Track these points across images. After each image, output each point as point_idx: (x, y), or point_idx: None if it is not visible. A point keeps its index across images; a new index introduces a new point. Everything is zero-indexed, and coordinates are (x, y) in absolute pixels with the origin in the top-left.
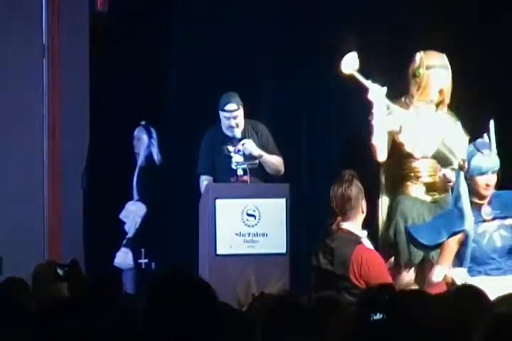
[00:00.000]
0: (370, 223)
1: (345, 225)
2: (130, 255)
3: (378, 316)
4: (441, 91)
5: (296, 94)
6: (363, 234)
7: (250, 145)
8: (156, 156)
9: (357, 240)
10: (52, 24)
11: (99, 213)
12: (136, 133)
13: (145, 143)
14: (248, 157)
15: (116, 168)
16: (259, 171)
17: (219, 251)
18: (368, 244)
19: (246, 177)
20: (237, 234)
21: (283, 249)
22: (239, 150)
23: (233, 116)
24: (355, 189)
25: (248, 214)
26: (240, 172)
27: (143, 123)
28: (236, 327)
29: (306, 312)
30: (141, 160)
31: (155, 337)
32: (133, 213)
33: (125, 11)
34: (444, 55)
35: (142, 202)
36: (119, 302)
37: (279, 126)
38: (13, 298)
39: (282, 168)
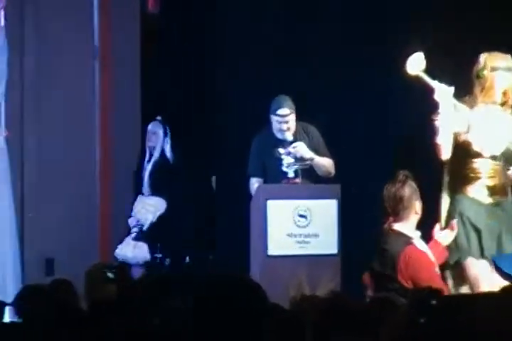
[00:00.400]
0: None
1: (397, 226)
2: (146, 248)
3: (422, 321)
4: (505, 93)
5: (348, 94)
6: (416, 235)
7: (302, 148)
8: (169, 154)
9: (408, 241)
10: (103, 25)
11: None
12: (151, 127)
13: (161, 138)
14: (299, 159)
15: (171, 170)
16: (309, 173)
17: (270, 252)
18: (420, 245)
19: (297, 180)
20: (288, 235)
21: (334, 250)
22: (290, 153)
23: (285, 120)
24: (409, 189)
25: (300, 215)
26: (291, 174)
27: (159, 118)
28: (286, 328)
29: (358, 314)
30: (157, 153)
31: (203, 337)
32: (152, 207)
33: (176, 12)
34: (509, 56)
35: (160, 196)
36: (167, 303)
37: (331, 126)
38: (60, 299)
39: (333, 170)
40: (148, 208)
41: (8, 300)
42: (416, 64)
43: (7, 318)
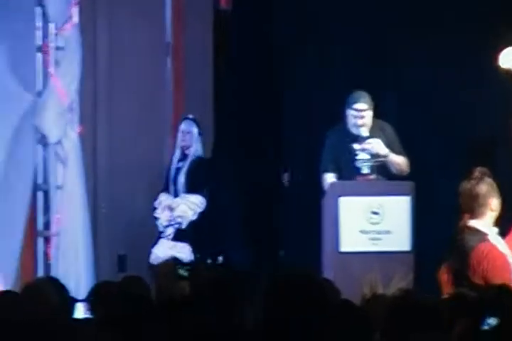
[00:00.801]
0: None
1: (472, 223)
2: (188, 248)
3: (492, 320)
4: None
5: (423, 92)
6: (492, 232)
7: (378, 145)
8: (201, 150)
9: (482, 238)
10: (176, 22)
11: (225, 211)
12: (184, 126)
13: (195, 137)
14: (374, 156)
15: (239, 168)
16: (383, 170)
17: (342, 249)
18: (497, 242)
19: (372, 176)
20: (361, 232)
21: (407, 247)
22: (365, 149)
23: (361, 115)
24: (485, 186)
25: (372, 212)
26: (365, 170)
27: (190, 116)
28: (356, 325)
29: (429, 311)
30: (192, 152)
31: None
32: (194, 204)
33: (248, 9)
34: None
35: (200, 194)
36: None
37: (406, 124)
38: (133, 296)
39: (407, 169)
40: (190, 205)
41: (81, 296)
42: (508, 58)
43: (80, 314)
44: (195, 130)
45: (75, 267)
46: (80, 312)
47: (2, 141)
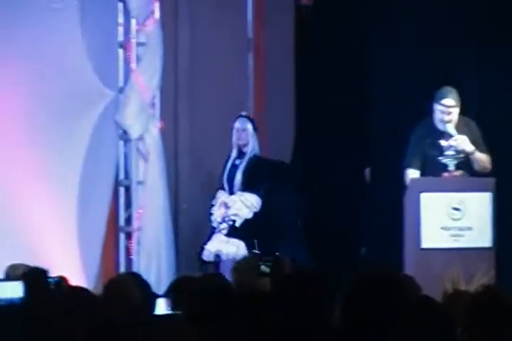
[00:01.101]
0: None
1: None
2: (242, 245)
3: None
4: None
5: (504, 88)
6: None
7: (464, 141)
8: (257, 147)
9: None
10: (257, 18)
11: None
12: (239, 124)
13: (251, 134)
14: (460, 152)
15: (324, 164)
16: (466, 166)
17: (424, 245)
18: None
19: (457, 173)
20: (442, 228)
21: (489, 243)
22: (451, 146)
23: (448, 111)
24: None
25: (453, 208)
26: (451, 166)
27: (244, 114)
28: (437, 321)
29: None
30: (250, 150)
31: (353, 332)
32: (250, 202)
33: (329, 5)
34: None
35: (256, 193)
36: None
37: (487, 120)
38: (213, 290)
39: (489, 166)
40: (247, 204)
41: (161, 291)
42: None
43: (161, 310)
44: (250, 127)
45: (156, 262)
46: (161, 307)
47: (84, 137)
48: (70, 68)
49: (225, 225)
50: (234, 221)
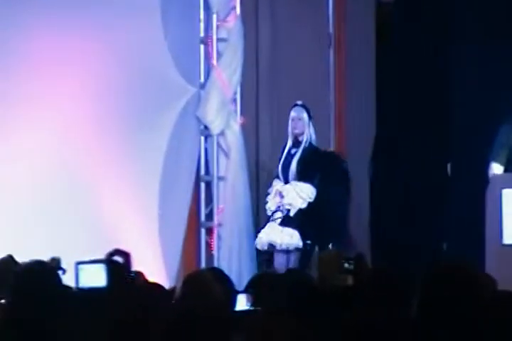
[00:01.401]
0: None
1: None
2: (297, 235)
3: None
4: None
5: None
6: None
7: None
8: (313, 136)
9: None
10: (338, 13)
11: (387, 202)
12: (294, 113)
13: (306, 123)
14: None
15: (405, 159)
16: None
17: (506, 241)
18: None
19: None
20: None
21: None
22: None
23: None
24: None
25: None
26: None
27: (299, 103)
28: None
29: None
30: (306, 139)
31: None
32: (305, 193)
33: (410, 2)
34: None
35: (311, 184)
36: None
37: None
38: (292, 286)
39: None
40: (301, 194)
41: (242, 287)
42: None
43: (241, 305)
44: (305, 116)
45: (237, 258)
46: (241, 303)
47: (166, 132)
48: (152, 64)
49: (279, 214)
50: (288, 210)
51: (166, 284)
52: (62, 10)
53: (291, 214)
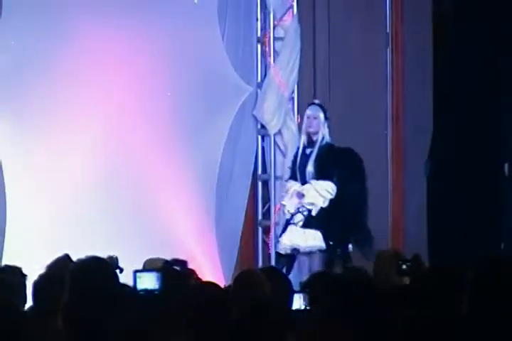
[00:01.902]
0: None
1: None
2: (319, 236)
3: None
4: None
5: None
6: None
7: None
8: (328, 136)
9: None
10: (395, 13)
11: (444, 201)
12: (310, 111)
13: (322, 122)
14: None
15: (462, 158)
16: None
17: None
18: None
19: None
20: None
21: None
22: None
23: None
24: None
25: None
26: None
27: (316, 102)
28: None
29: None
30: (320, 137)
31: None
32: (326, 191)
33: (468, 1)
34: None
35: (330, 180)
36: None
37: None
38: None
39: None
40: (321, 192)
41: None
42: None
43: (297, 305)
44: (321, 115)
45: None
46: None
47: (223, 132)
48: (209, 64)
49: (300, 216)
50: (309, 210)
51: (223, 283)
52: (121, 12)
53: (313, 213)
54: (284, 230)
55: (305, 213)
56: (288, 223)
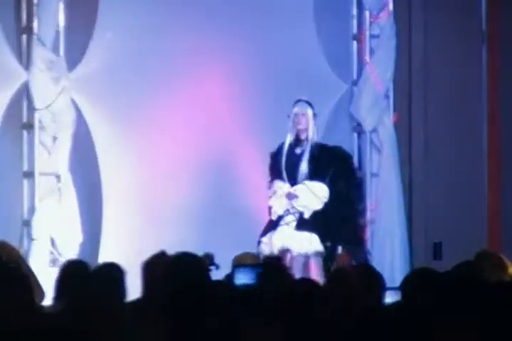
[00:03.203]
0: None
1: None
2: (315, 238)
3: None
4: None
5: None
6: None
7: None
8: (316, 134)
9: None
10: (491, 9)
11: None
12: (298, 108)
13: (310, 119)
14: None
15: None
16: None
17: None
18: None
19: None
20: None
21: None
22: None
23: None
24: None
25: None
26: None
27: (304, 98)
28: None
29: None
30: (310, 137)
31: None
32: (321, 193)
33: None
34: None
35: (323, 182)
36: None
37: None
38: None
39: None
40: (317, 194)
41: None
42: None
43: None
44: (309, 111)
45: (390, 255)
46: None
47: (318, 128)
48: (305, 62)
49: (292, 217)
50: (301, 212)
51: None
52: (218, 13)
53: (306, 216)
54: (268, 231)
55: (296, 215)
56: (276, 224)
